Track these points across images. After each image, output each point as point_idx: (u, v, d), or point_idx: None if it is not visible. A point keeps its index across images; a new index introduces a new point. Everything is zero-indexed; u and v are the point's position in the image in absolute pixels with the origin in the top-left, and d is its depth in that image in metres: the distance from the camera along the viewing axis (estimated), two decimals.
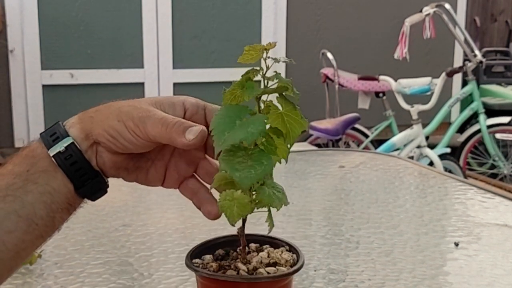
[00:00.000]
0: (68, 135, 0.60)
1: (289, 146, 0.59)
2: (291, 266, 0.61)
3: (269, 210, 0.59)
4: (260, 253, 0.63)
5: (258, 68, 0.57)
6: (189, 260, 0.61)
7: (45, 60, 4.44)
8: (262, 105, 0.58)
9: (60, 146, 0.59)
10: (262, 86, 0.58)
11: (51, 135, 0.60)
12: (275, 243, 0.66)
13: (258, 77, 0.58)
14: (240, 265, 0.61)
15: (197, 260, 0.63)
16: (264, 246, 0.65)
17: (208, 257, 0.64)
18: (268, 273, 0.60)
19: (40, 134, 0.61)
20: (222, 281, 0.58)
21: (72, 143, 0.59)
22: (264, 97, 0.58)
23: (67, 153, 0.59)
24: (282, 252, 0.64)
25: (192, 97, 0.64)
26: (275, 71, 0.58)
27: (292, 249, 0.65)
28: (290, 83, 0.57)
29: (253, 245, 0.65)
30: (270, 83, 0.58)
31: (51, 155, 0.59)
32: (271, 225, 0.60)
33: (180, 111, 0.62)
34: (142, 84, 4.74)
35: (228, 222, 0.57)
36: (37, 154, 0.59)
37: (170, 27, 4.65)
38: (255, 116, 0.57)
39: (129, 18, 4.59)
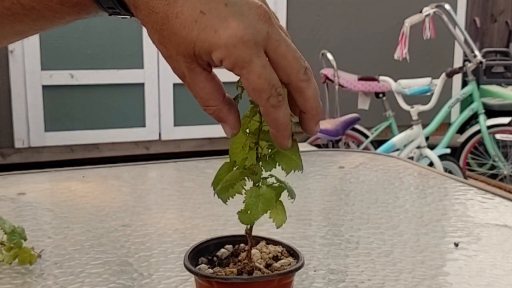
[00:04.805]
0: None
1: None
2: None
3: (282, 204, 0.58)
4: (254, 251, 0.63)
5: None
6: (187, 261, 0.61)
7: (45, 61, 4.44)
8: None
9: None
10: None
11: None
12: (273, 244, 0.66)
13: None
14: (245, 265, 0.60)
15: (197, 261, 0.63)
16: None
17: (204, 259, 0.63)
18: (268, 272, 0.60)
19: None
20: (220, 282, 0.58)
21: None
22: None
23: None
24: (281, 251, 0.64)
25: None
26: None
27: (290, 250, 0.64)
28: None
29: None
30: None
31: None
32: (282, 220, 0.58)
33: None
34: (142, 84, 4.74)
35: (249, 219, 0.56)
36: None
37: None
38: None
39: (129, 18, 4.59)
